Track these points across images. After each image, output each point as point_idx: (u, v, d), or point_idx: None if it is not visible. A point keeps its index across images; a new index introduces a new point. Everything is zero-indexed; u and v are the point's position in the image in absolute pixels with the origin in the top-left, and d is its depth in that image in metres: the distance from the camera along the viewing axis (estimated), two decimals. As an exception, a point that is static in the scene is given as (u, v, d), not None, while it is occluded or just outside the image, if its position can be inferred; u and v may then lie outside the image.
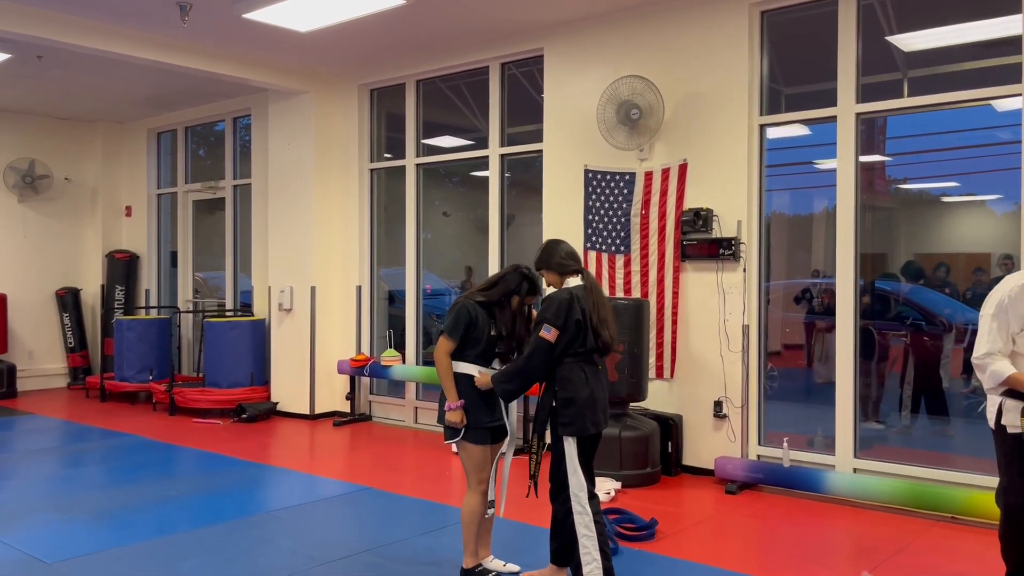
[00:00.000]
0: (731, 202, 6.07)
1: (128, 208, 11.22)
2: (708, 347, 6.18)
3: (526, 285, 3.98)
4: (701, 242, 6.13)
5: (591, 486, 3.80)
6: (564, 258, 3.92)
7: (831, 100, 5.76)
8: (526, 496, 4.00)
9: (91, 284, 11.16)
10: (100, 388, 9.87)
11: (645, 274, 6.45)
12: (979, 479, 5.19)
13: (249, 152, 9.65)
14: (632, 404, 6.16)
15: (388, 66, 8.21)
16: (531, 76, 7.47)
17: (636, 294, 6.47)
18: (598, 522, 3.75)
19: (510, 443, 4.11)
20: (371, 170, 8.66)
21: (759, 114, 6.07)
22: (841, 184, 5.74)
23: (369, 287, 8.69)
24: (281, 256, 8.82)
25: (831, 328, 5.88)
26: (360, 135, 8.60)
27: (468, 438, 3.94)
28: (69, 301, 10.82)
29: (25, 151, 10.53)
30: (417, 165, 8.32)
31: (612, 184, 6.61)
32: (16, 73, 8.48)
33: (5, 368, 10.12)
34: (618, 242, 6.58)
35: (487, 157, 7.69)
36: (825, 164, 6.04)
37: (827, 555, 4.56)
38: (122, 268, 10.88)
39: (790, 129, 6.16)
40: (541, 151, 7.18)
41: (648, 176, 6.44)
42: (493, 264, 7.61)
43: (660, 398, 6.36)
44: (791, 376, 6.97)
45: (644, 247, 6.45)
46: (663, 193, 6.36)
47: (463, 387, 3.93)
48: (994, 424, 3.52)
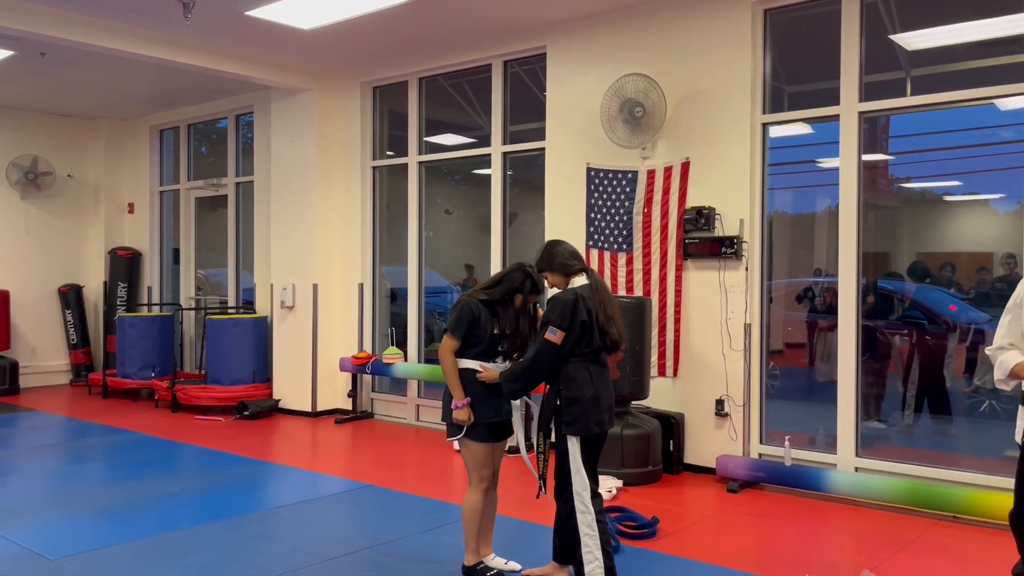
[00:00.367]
0: (733, 201, 6.07)
1: (131, 205, 11.23)
2: (710, 346, 6.18)
3: (529, 284, 3.98)
4: (703, 240, 6.13)
5: (594, 485, 3.81)
6: (567, 259, 3.91)
7: (834, 99, 5.75)
8: (536, 497, 4.00)
9: (93, 281, 11.17)
10: (102, 385, 9.88)
11: (647, 272, 6.45)
12: (981, 478, 5.19)
13: (251, 149, 9.66)
14: (634, 402, 6.16)
15: (391, 64, 8.21)
16: (534, 74, 7.46)
17: (638, 292, 6.48)
18: (601, 521, 3.75)
19: (520, 436, 4.10)
20: (373, 168, 8.66)
21: (762, 112, 6.06)
22: (843, 183, 5.73)
23: (371, 285, 8.69)
24: (283, 253, 8.82)
25: (833, 327, 5.88)
26: (362, 133, 8.60)
27: (470, 435, 3.94)
28: (71, 298, 10.84)
29: (28, 148, 10.54)
30: (419, 163, 8.32)
31: (614, 182, 6.60)
32: (19, 70, 8.49)
33: (8, 365, 10.14)
34: (620, 240, 6.58)
35: (489, 155, 7.69)
36: (828, 163, 6.04)
37: (828, 554, 4.56)
38: (124, 265, 10.89)
39: (793, 128, 6.16)
40: (543, 149, 7.18)
41: (650, 174, 6.44)
42: (495, 262, 7.61)
43: (662, 396, 6.37)
44: (793, 375, 6.98)
45: (646, 245, 6.45)
46: (665, 191, 6.36)
47: (466, 383, 3.94)
48: (1019, 438, 3.31)
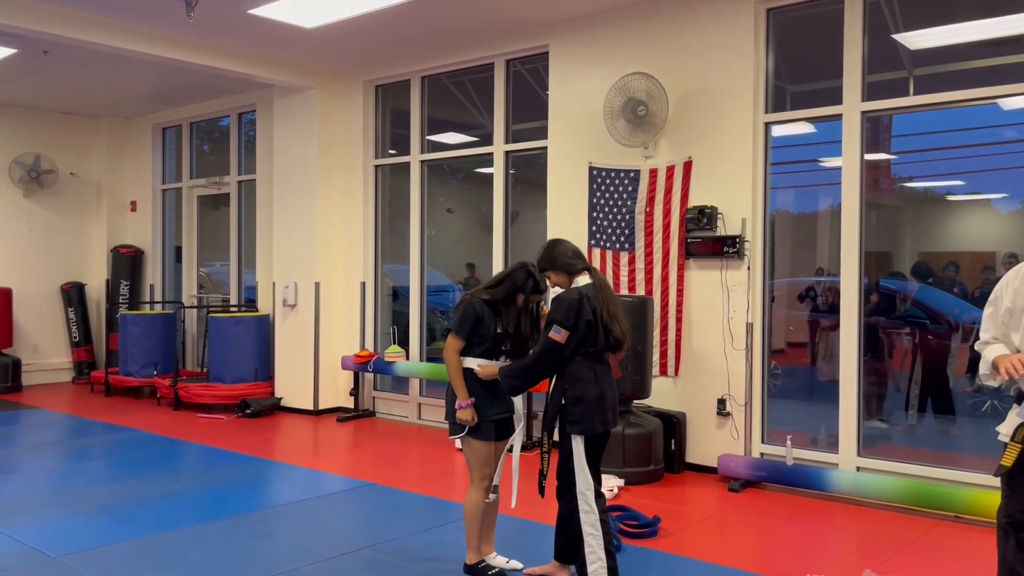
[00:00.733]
0: (736, 200, 6.07)
1: (133, 203, 11.24)
2: (712, 345, 6.18)
3: (531, 283, 3.98)
4: (705, 240, 6.13)
5: (598, 485, 3.81)
6: (570, 258, 3.90)
7: (836, 98, 5.75)
8: (542, 496, 3.98)
9: (96, 279, 11.19)
10: (104, 383, 9.89)
11: (649, 272, 6.44)
12: (983, 478, 5.18)
13: (254, 148, 9.66)
14: (636, 401, 6.16)
15: (393, 62, 8.21)
16: (536, 73, 7.46)
17: (640, 292, 6.47)
18: (604, 521, 3.75)
19: (518, 436, 4.12)
20: (375, 166, 8.66)
21: (764, 112, 6.05)
22: (846, 182, 5.72)
23: (373, 283, 8.69)
24: (285, 252, 8.83)
25: (835, 326, 5.88)
26: (365, 131, 8.61)
27: (473, 434, 3.94)
28: (74, 296, 10.85)
29: (30, 146, 10.56)
30: (422, 161, 8.32)
31: (617, 181, 6.60)
32: (22, 68, 8.50)
33: (10, 362, 10.16)
34: (623, 240, 6.57)
35: (492, 154, 7.69)
36: (830, 162, 6.03)
37: (830, 553, 4.56)
38: (127, 263, 10.90)
39: (795, 127, 6.15)
40: (546, 148, 7.18)
41: (653, 173, 6.43)
42: (497, 261, 7.61)
43: (664, 396, 6.36)
44: (795, 374, 6.98)
45: (649, 245, 6.45)
46: (668, 191, 6.36)
47: (469, 383, 3.95)
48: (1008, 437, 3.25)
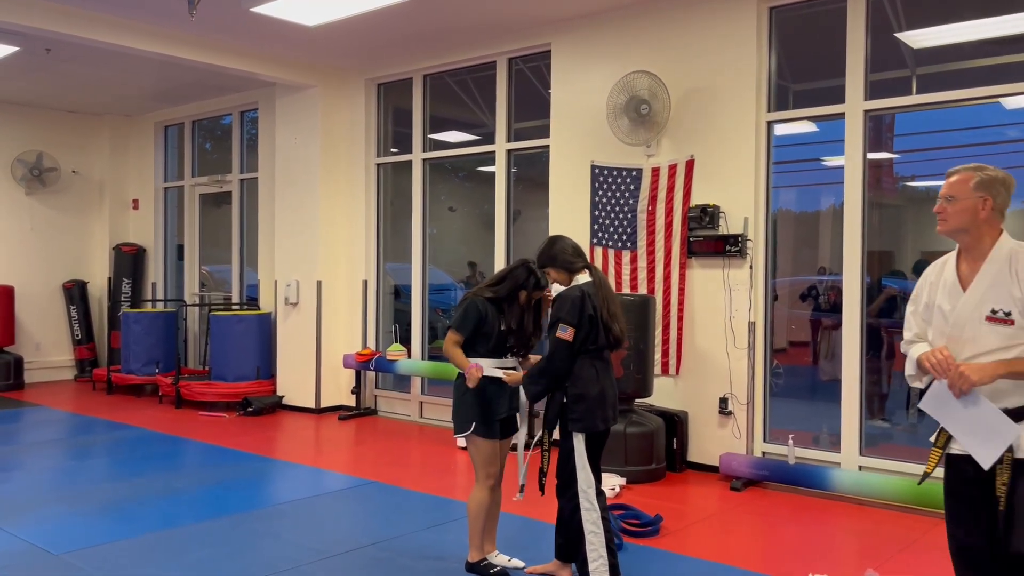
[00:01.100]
0: (738, 199, 6.06)
1: (135, 201, 11.25)
2: (714, 344, 6.17)
3: (532, 280, 3.99)
4: (707, 239, 6.13)
5: (598, 482, 3.81)
6: (570, 255, 3.91)
7: (839, 97, 5.74)
8: (542, 494, 4.00)
9: (98, 277, 11.20)
10: (106, 380, 9.90)
11: (651, 270, 6.44)
12: (985, 478, 5.18)
13: (256, 146, 9.66)
14: (637, 400, 6.16)
15: (395, 60, 8.21)
16: (538, 71, 7.46)
17: (642, 290, 6.47)
18: (605, 519, 3.75)
19: (521, 434, 4.13)
20: (377, 165, 8.66)
21: (767, 111, 6.05)
22: (849, 181, 5.72)
23: (375, 282, 8.70)
24: (287, 250, 8.83)
25: (837, 325, 5.87)
26: (367, 129, 8.61)
27: (478, 432, 3.95)
28: (76, 294, 10.86)
29: (33, 144, 10.56)
30: (423, 160, 8.32)
31: (619, 180, 6.60)
32: (24, 66, 8.50)
33: (12, 360, 10.17)
34: (624, 238, 6.57)
35: (494, 152, 7.69)
36: (833, 161, 6.03)
37: (832, 552, 4.56)
38: (129, 261, 10.91)
39: (798, 126, 6.15)
40: (548, 147, 7.18)
41: (655, 172, 6.43)
42: (499, 260, 7.61)
43: (665, 394, 6.36)
44: (797, 373, 6.97)
45: (651, 243, 6.45)
46: (670, 189, 6.35)
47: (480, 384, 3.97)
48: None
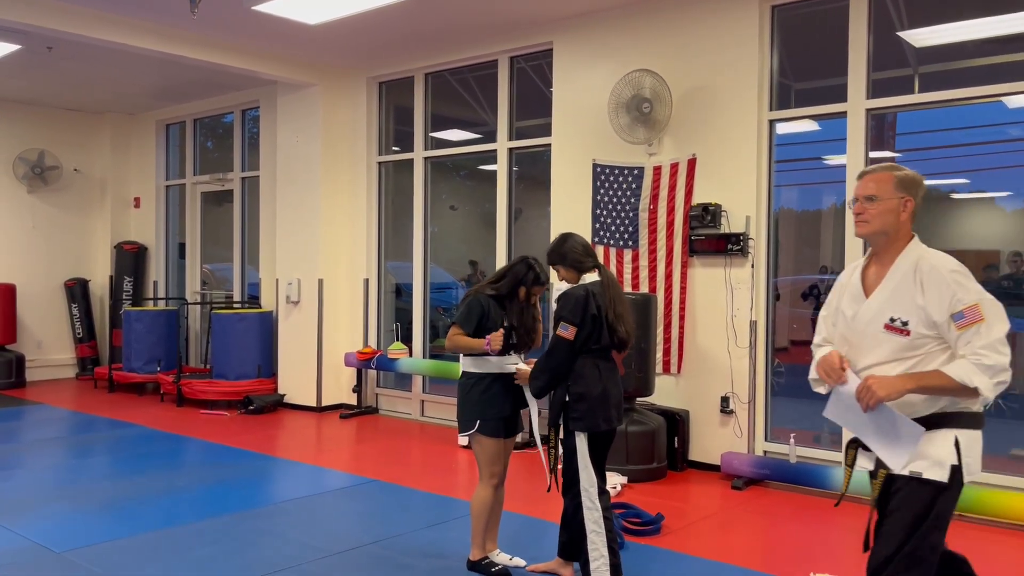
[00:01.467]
0: (740, 197, 6.06)
1: (136, 199, 11.25)
2: (715, 343, 6.17)
3: (531, 275, 4.02)
4: (709, 237, 6.12)
5: (602, 482, 3.81)
6: (580, 255, 3.91)
7: (841, 96, 5.74)
8: (547, 491, 4.02)
9: (99, 275, 11.20)
10: (108, 379, 9.91)
11: (653, 269, 6.44)
12: (986, 477, 5.18)
13: (257, 144, 9.66)
14: (639, 399, 6.16)
15: (397, 59, 8.21)
16: (540, 70, 7.45)
17: (644, 289, 6.47)
18: (607, 518, 3.75)
19: (536, 430, 4.16)
20: (379, 163, 8.66)
21: (768, 109, 6.05)
22: (850, 180, 5.71)
23: (376, 280, 8.70)
24: (289, 249, 8.83)
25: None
26: (368, 128, 8.61)
27: (482, 431, 3.97)
28: (78, 292, 10.87)
29: (34, 142, 10.57)
30: (425, 158, 8.32)
31: (620, 179, 6.60)
32: (26, 64, 8.50)
33: (14, 358, 10.17)
34: (626, 237, 6.57)
35: (495, 151, 7.69)
36: (834, 160, 6.03)
37: (833, 551, 4.56)
38: (130, 259, 10.92)
39: (799, 124, 6.14)
40: (549, 145, 7.18)
41: (657, 171, 6.43)
42: (500, 258, 7.61)
43: (667, 393, 6.36)
44: (798, 372, 6.95)
45: (652, 242, 6.44)
46: (671, 188, 6.35)
47: (476, 381, 4.00)
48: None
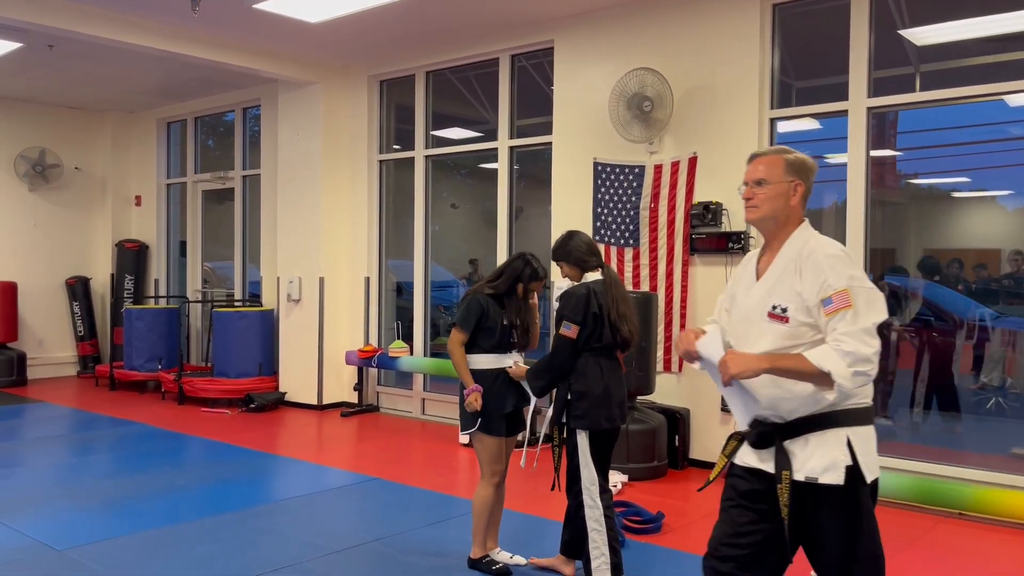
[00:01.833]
0: (740, 196, 6.04)
1: (138, 198, 11.25)
2: (716, 341, 6.16)
3: (528, 271, 4.03)
4: (710, 236, 6.12)
5: (603, 480, 3.81)
6: (584, 253, 3.91)
7: (842, 94, 5.74)
8: (551, 489, 4.02)
9: (101, 273, 11.21)
10: (109, 377, 9.92)
11: (654, 267, 6.44)
12: (987, 475, 5.18)
13: (258, 143, 9.66)
14: (640, 397, 6.16)
15: (398, 57, 8.21)
16: (541, 68, 7.45)
17: (645, 288, 6.47)
18: (608, 517, 3.75)
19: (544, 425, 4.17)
20: (380, 161, 8.66)
21: (770, 108, 6.04)
22: (851, 178, 5.71)
23: (377, 278, 8.70)
24: (290, 247, 8.83)
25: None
26: (369, 126, 8.60)
27: (484, 429, 3.97)
28: (79, 290, 10.87)
29: (35, 140, 10.57)
30: (426, 157, 8.31)
31: (621, 177, 6.59)
32: (27, 62, 8.50)
33: (15, 356, 10.18)
34: (627, 235, 6.57)
35: (496, 149, 7.68)
36: (835, 158, 6.02)
37: (834, 550, 4.56)
38: (131, 257, 10.92)
39: (801, 123, 6.14)
40: (550, 143, 7.17)
41: (657, 169, 6.42)
42: (501, 257, 7.61)
43: (668, 392, 6.36)
44: (799, 371, 6.94)
45: (653, 240, 6.44)
46: (672, 186, 6.35)
47: (478, 380, 4.00)
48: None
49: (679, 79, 6.26)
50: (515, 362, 4.04)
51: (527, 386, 4.02)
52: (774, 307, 2.44)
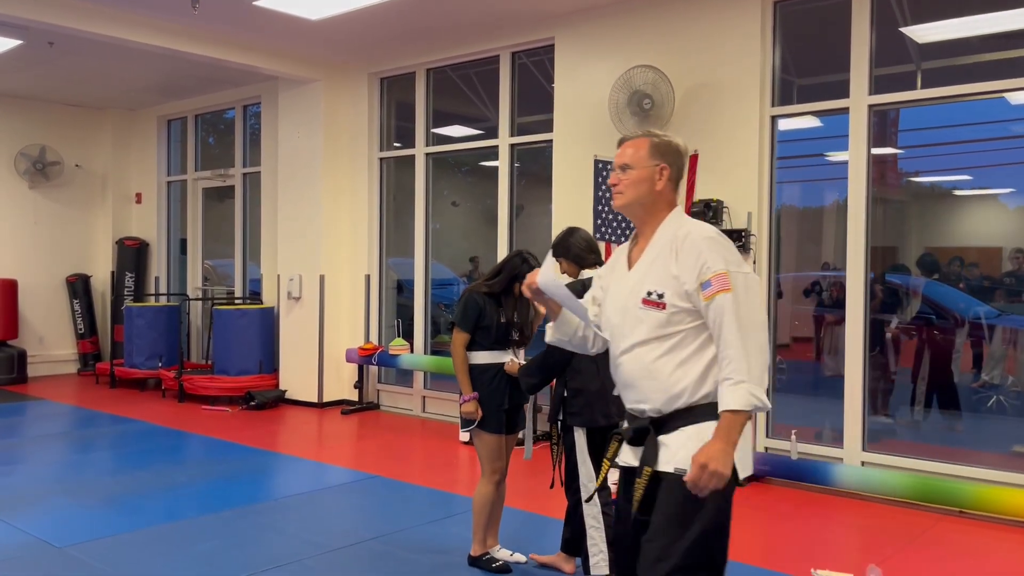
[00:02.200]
0: (742, 194, 6.05)
1: (138, 195, 11.25)
2: (717, 339, 6.15)
3: (525, 268, 4.02)
4: (711, 234, 6.10)
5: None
6: (583, 250, 3.91)
7: (843, 92, 5.73)
8: (551, 487, 4.02)
9: (101, 271, 11.20)
10: (110, 374, 9.92)
11: (654, 265, 6.42)
12: (988, 473, 5.17)
13: (259, 140, 9.66)
14: (640, 395, 6.14)
15: (398, 54, 8.20)
16: (542, 66, 7.44)
17: (645, 285, 6.45)
18: (607, 513, 3.75)
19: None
20: (380, 159, 8.65)
21: (771, 105, 6.03)
22: (853, 176, 5.70)
23: (378, 276, 8.69)
24: (290, 244, 8.83)
25: (840, 321, 5.86)
26: (370, 124, 8.60)
27: (483, 427, 3.97)
28: (79, 287, 10.87)
29: (36, 138, 10.56)
30: (426, 154, 8.31)
31: (622, 175, 6.58)
32: (27, 59, 8.50)
33: (16, 354, 10.18)
34: (628, 233, 6.56)
35: (497, 147, 7.68)
36: (837, 156, 6.02)
37: (834, 548, 4.56)
38: (132, 255, 10.92)
39: (802, 121, 6.13)
40: (551, 141, 7.16)
41: (658, 167, 6.41)
42: (501, 255, 7.59)
43: (668, 389, 6.34)
44: (800, 369, 6.97)
45: (653, 238, 6.42)
46: (673, 184, 6.33)
47: (477, 376, 3.99)
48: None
49: (680, 77, 6.25)
50: (511, 359, 4.04)
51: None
52: (649, 293, 2.37)
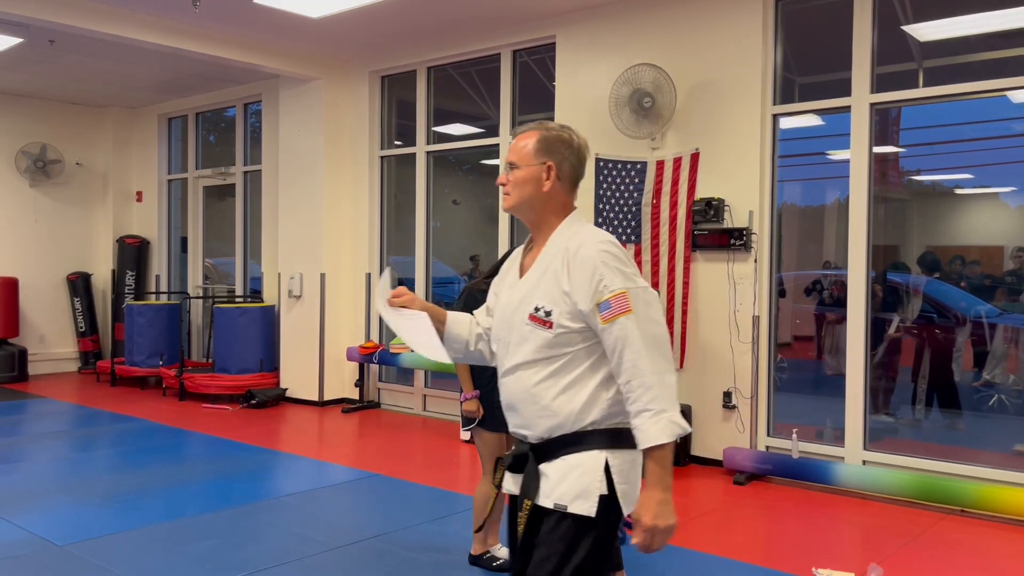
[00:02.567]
0: (743, 192, 6.04)
1: (139, 193, 11.25)
2: (718, 338, 6.16)
3: None
4: (712, 232, 6.11)
5: None
6: None
7: (845, 90, 5.72)
8: None
9: (102, 269, 11.20)
10: (110, 373, 9.92)
11: (656, 264, 6.42)
12: (989, 472, 5.17)
13: (259, 138, 9.65)
14: (641, 394, 6.14)
15: (399, 53, 8.19)
16: (543, 64, 7.44)
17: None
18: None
19: None
20: (381, 157, 8.65)
21: (772, 104, 6.02)
22: (854, 175, 5.70)
23: (378, 274, 8.69)
24: (291, 243, 8.83)
25: (842, 320, 5.86)
26: (370, 122, 8.59)
27: (484, 425, 3.97)
28: (80, 286, 10.87)
29: (37, 136, 10.56)
30: (427, 153, 8.30)
31: (623, 173, 6.58)
32: (28, 58, 8.49)
33: (16, 352, 10.18)
34: (629, 232, 6.56)
35: (498, 145, 7.67)
36: (838, 155, 6.01)
37: (835, 547, 4.56)
38: (133, 253, 10.92)
39: (803, 119, 6.12)
40: (552, 139, 7.14)
41: (660, 165, 6.41)
42: (502, 253, 7.60)
43: (669, 388, 6.34)
44: (801, 367, 6.97)
45: (655, 237, 6.43)
46: (674, 182, 6.33)
47: (477, 374, 3.99)
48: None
49: (681, 75, 6.24)
50: None
51: None
52: (536, 309, 2.11)
